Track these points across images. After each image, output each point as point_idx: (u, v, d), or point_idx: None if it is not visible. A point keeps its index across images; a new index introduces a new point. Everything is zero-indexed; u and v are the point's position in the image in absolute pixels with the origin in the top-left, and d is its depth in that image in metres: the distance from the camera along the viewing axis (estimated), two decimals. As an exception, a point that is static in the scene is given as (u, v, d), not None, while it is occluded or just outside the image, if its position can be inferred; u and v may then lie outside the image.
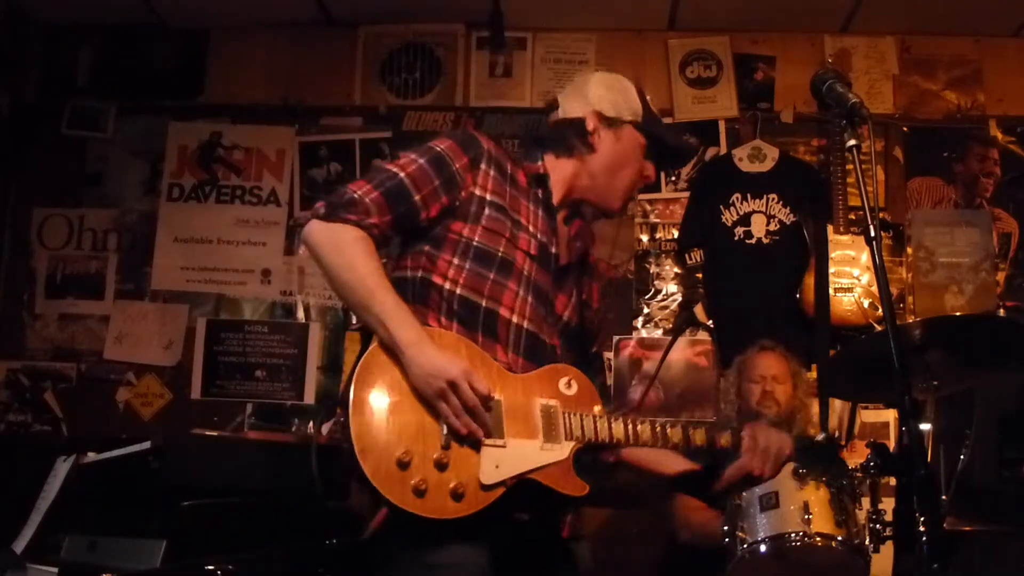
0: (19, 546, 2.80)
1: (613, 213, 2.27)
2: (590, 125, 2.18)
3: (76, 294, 4.67)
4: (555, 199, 2.19)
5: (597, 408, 2.01)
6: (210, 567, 2.00)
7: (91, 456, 2.63)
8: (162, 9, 4.69)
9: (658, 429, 2.03)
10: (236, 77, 4.80)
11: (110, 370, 4.58)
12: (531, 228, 2.11)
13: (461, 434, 1.83)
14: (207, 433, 2.31)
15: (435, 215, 2.03)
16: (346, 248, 1.92)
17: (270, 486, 2.10)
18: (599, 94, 2.21)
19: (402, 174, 2.01)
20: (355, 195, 1.97)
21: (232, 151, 4.75)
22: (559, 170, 2.20)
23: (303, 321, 4.59)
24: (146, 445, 2.24)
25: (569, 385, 2.00)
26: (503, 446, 1.86)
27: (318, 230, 1.95)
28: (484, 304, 2.00)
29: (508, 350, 2.00)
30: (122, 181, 4.76)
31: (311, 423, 4.38)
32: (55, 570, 2.50)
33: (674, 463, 2.19)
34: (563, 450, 1.91)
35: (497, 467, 1.84)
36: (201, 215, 4.70)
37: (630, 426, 2.00)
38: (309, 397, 4.50)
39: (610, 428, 1.98)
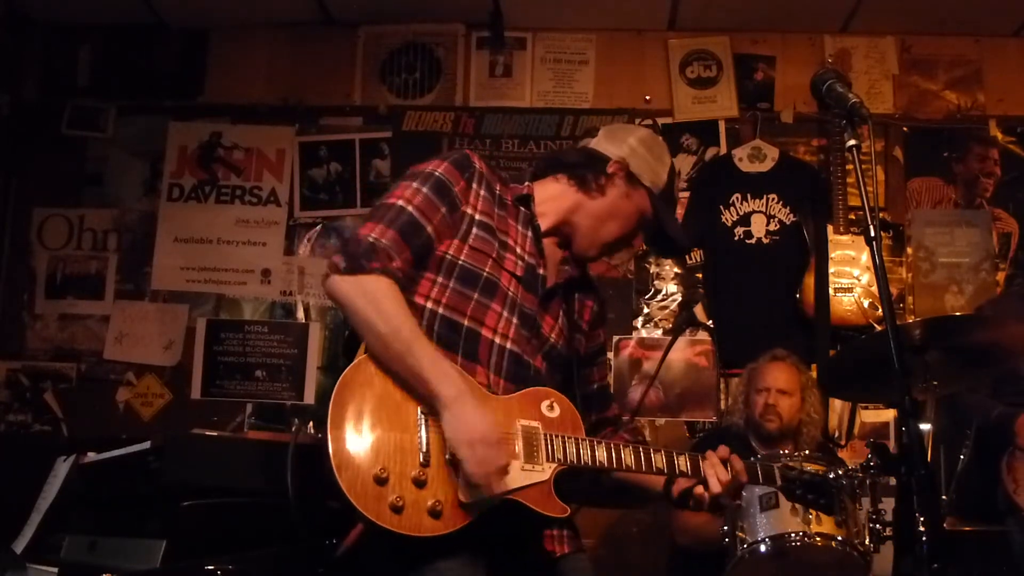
0: (19, 546, 2.79)
1: (584, 259, 2.25)
2: (610, 169, 2.17)
3: (76, 294, 4.67)
4: (548, 223, 2.17)
5: (580, 431, 2.00)
6: (210, 567, 1.99)
7: (91, 456, 2.62)
8: (162, 9, 4.70)
9: (642, 454, 2.02)
10: (236, 77, 4.81)
11: (110, 370, 4.58)
12: (518, 249, 2.10)
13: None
14: (207, 433, 2.30)
15: (444, 241, 2.02)
16: (376, 300, 1.87)
17: (270, 486, 2.10)
18: (634, 147, 2.19)
19: (410, 207, 1.97)
20: (371, 239, 1.92)
21: (232, 151, 4.75)
22: (562, 198, 2.19)
23: (303, 321, 4.59)
24: (146, 445, 2.23)
25: (551, 408, 1.99)
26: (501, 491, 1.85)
27: (342, 285, 1.90)
28: (466, 324, 1.98)
29: (490, 371, 1.99)
30: (122, 181, 4.76)
31: (296, 421, 4.38)
32: (55, 570, 2.50)
33: (652, 481, 2.15)
34: (544, 472, 1.90)
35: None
36: (201, 215, 4.70)
37: (613, 450, 2.00)
38: (309, 397, 4.51)
39: (593, 452, 1.97)
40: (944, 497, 3.37)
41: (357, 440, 1.78)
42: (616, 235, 2.21)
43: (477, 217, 2.05)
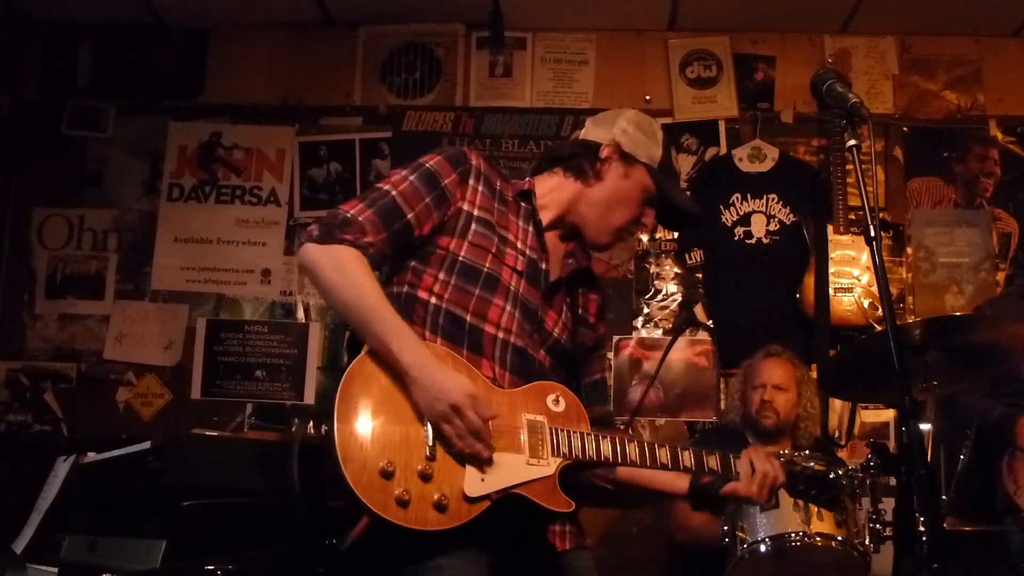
0: (19, 546, 2.80)
1: (599, 247, 2.26)
2: (604, 153, 2.17)
3: (76, 294, 4.67)
4: (550, 216, 2.17)
5: (585, 426, 2.00)
6: (210, 567, 2.00)
7: (91, 456, 2.63)
8: (162, 9, 4.69)
9: (647, 449, 2.02)
10: (236, 77, 4.81)
11: (110, 370, 4.58)
12: (520, 244, 2.10)
13: (464, 455, 1.82)
14: (207, 433, 2.31)
15: (427, 232, 2.02)
16: (344, 268, 1.90)
17: (270, 486, 2.10)
18: (624, 127, 2.20)
19: (394, 192, 1.99)
20: (348, 214, 1.95)
21: (232, 151, 4.75)
22: (560, 190, 2.19)
23: (303, 321, 4.59)
24: (146, 445, 2.24)
25: (557, 402, 1.99)
26: (489, 459, 1.85)
27: (314, 252, 1.93)
28: (469, 319, 1.99)
29: (495, 364, 1.99)
30: (122, 181, 4.76)
31: (296, 420, 4.40)
32: (55, 570, 2.50)
33: (671, 480, 2.15)
34: (549, 466, 1.90)
35: (483, 480, 1.82)
36: (201, 215, 4.70)
37: (618, 445, 1.99)
38: (309, 397, 4.50)
39: (598, 446, 1.97)
40: (944, 497, 3.36)
41: (363, 433, 1.78)
42: (625, 218, 2.20)
43: (476, 213, 2.06)
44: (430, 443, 1.81)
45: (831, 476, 2.18)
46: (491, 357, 1.99)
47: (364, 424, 1.79)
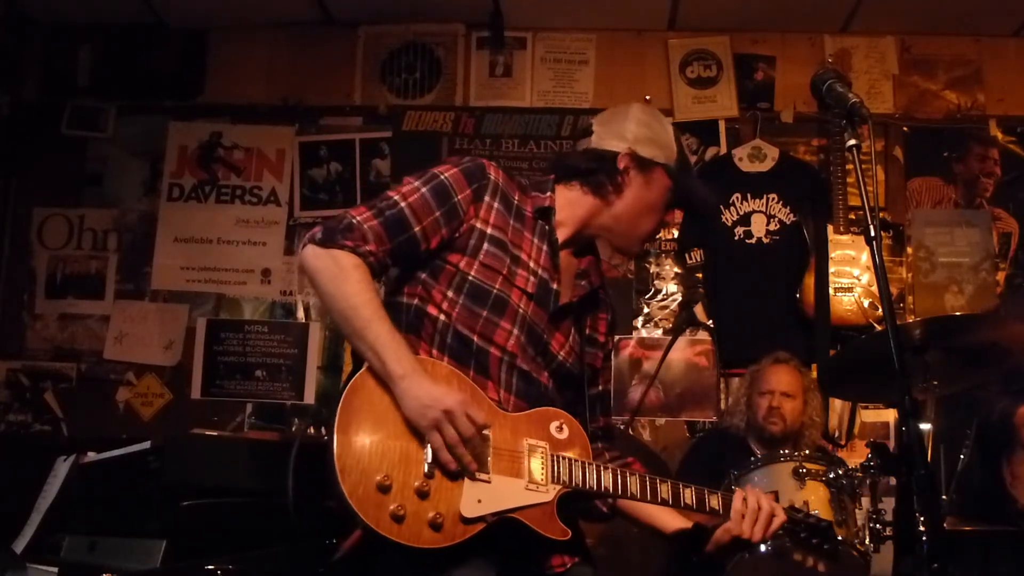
0: (19, 546, 2.79)
1: (629, 256, 2.25)
2: (622, 164, 2.10)
3: (76, 294, 4.67)
4: (568, 233, 2.13)
5: (588, 455, 1.99)
6: (210, 567, 2.00)
7: (91, 456, 2.63)
8: (162, 9, 4.70)
9: (648, 483, 2.00)
10: (236, 77, 4.81)
11: (110, 370, 4.58)
12: (532, 264, 2.05)
13: (450, 468, 1.80)
14: (207, 433, 2.31)
15: (435, 247, 1.99)
16: (342, 275, 1.88)
17: (270, 486, 2.10)
18: (637, 132, 2.11)
19: (403, 203, 1.96)
20: (353, 220, 1.92)
21: (232, 151, 4.75)
22: (578, 205, 2.13)
23: (303, 321, 4.59)
24: (146, 445, 2.24)
25: (560, 429, 1.97)
26: (488, 481, 1.84)
27: (314, 255, 1.90)
28: (476, 341, 1.97)
29: (500, 387, 1.97)
30: (122, 181, 4.76)
31: (296, 420, 4.41)
32: (55, 570, 2.50)
33: (669, 519, 2.14)
34: (548, 493, 1.89)
35: (479, 501, 1.81)
36: (201, 215, 4.70)
37: (619, 477, 1.97)
38: (309, 397, 4.51)
39: (599, 476, 1.95)
40: (944, 497, 3.36)
41: (362, 446, 1.77)
42: (653, 224, 2.17)
43: (489, 232, 2.02)
44: (429, 460, 1.80)
45: (834, 530, 2.16)
46: (497, 380, 1.98)
47: (364, 437, 1.78)
